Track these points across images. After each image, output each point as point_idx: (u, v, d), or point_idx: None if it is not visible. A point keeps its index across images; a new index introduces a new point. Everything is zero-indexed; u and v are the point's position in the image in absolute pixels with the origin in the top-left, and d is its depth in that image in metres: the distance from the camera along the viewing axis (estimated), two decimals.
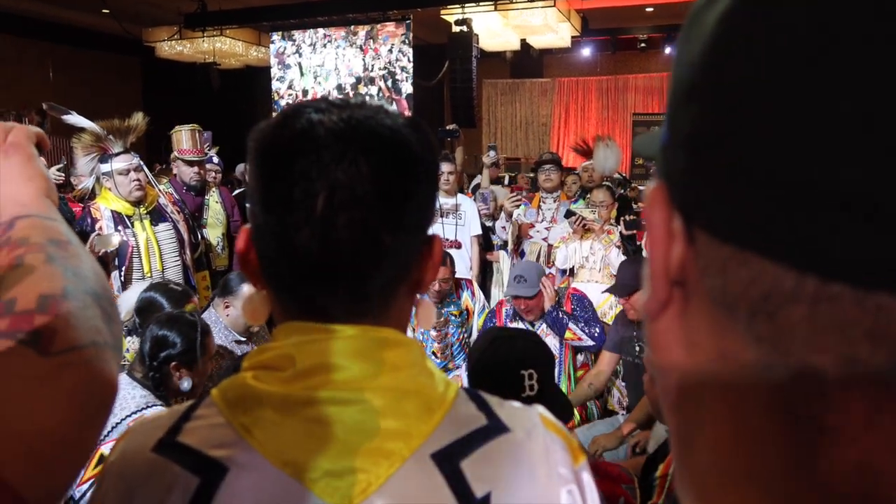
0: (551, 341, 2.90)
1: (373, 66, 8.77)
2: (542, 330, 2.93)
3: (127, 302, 2.30)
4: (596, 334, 2.87)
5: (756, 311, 0.23)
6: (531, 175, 6.68)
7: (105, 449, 1.62)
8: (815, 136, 0.21)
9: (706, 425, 0.26)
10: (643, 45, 10.15)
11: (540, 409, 0.63)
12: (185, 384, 1.83)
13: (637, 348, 2.74)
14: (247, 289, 2.35)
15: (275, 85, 9.45)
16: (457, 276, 3.40)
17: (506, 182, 5.66)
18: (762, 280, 0.22)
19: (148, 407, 1.75)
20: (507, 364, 1.54)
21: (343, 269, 0.52)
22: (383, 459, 0.51)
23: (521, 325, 2.96)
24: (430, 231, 0.58)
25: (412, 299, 0.59)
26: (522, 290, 2.83)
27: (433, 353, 3.27)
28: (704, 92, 0.24)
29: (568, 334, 2.86)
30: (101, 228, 2.88)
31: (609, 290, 3.03)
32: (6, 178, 0.59)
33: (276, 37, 9.32)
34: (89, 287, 0.53)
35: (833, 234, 0.20)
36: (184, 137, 3.56)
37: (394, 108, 0.58)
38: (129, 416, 1.72)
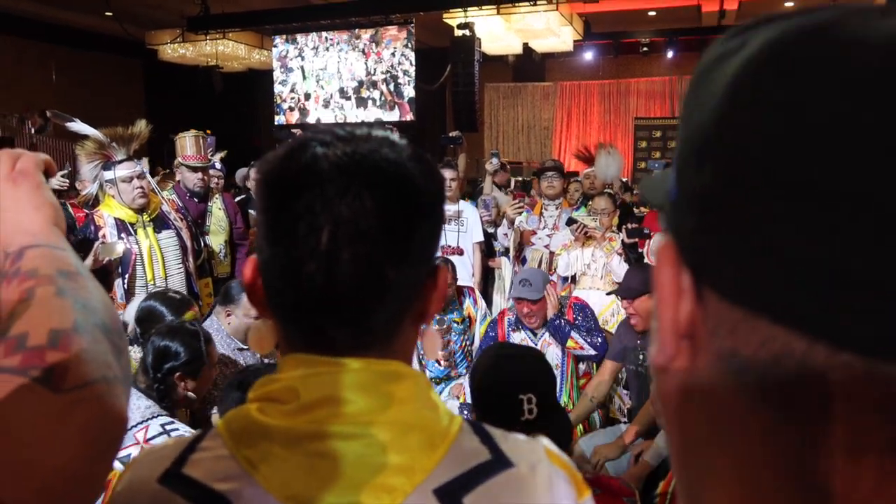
0: (553, 350, 2.90)
1: (375, 69, 8.78)
2: (545, 340, 2.93)
3: (129, 316, 2.30)
4: (598, 344, 2.87)
5: (766, 375, 0.23)
6: (529, 179, 6.68)
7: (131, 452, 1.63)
8: (831, 213, 0.21)
9: (715, 486, 0.27)
10: (645, 48, 10.14)
11: (545, 441, 0.63)
12: (192, 395, 1.83)
13: (641, 357, 2.74)
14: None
15: (277, 88, 9.47)
16: (459, 283, 3.40)
17: (511, 187, 5.65)
18: (773, 345, 0.23)
19: (154, 417, 1.75)
20: (506, 387, 1.53)
21: (348, 302, 0.52)
22: (386, 495, 0.52)
23: (523, 335, 2.96)
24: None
25: (417, 330, 0.59)
26: (527, 292, 2.83)
27: (436, 361, 3.27)
28: (716, 155, 0.25)
29: (570, 343, 2.85)
30: (104, 236, 2.88)
31: (614, 292, 3.02)
32: (15, 206, 0.59)
33: (278, 40, 9.34)
34: (98, 320, 0.53)
35: (846, 309, 0.21)
36: (188, 143, 3.56)
37: (400, 139, 0.58)
38: (135, 426, 1.72)
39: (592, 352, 2.86)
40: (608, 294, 3.44)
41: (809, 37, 0.23)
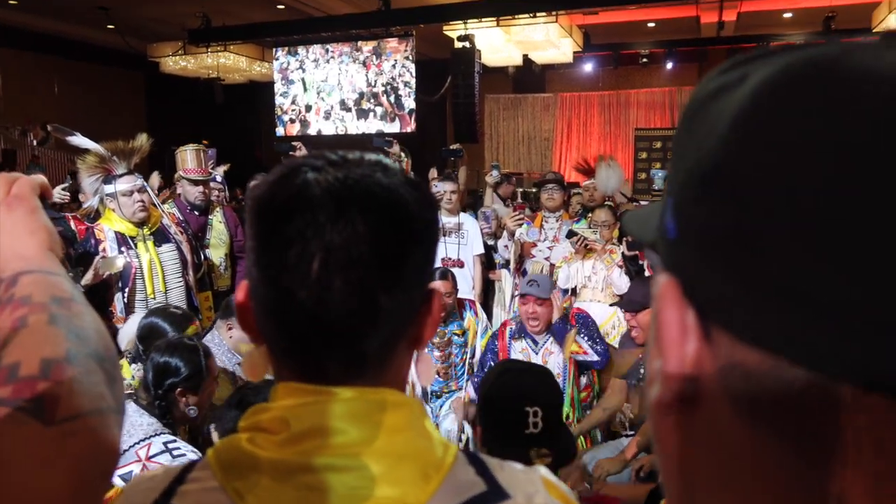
0: (555, 360, 2.89)
1: (376, 81, 8.81)
2: (547, 348, 2.92)
3: (128, 332, 2.29)
4: (600, 350, 2.87)
5: (784, 419, 0.22)
6: (531, 190, 6.68)
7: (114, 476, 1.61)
8: (859, 252, 0.20)
9: None
10: (645, 60, 10.18)
11: (542, 471, 0.61)
12: (192, 412, 1.83)
13: (642, 371, 2.72)
14: None
15: (278, 100, 9.50)
16: (459, 295, 3.39)
17: (518, 199, 5.65)
18: (793, 387, 0.22)
19: (156, 434, 1.74)
20: (512, 399, 1.53)
21: (340, 330, 0.52)
22: None
23: (524, 343, 2.95)
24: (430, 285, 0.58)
25: (411, 355, 0.59)
26: (535, 290, 2.84)
27: (436, 373, 3.26)
28: (726, 189, 0.24)
29: (574, 347, 2.85)
30: (104, 250, 2.88)
31: (617, 304, 3.02)
32: (10, 231, 0.59)
33: (279, 52, 9.38)
34: (92, 349, 0.52)
35: (880, 353, 0.20)
36: (188, 157, 3.57)
37: (393, 163, 0.57)
38: (137, 443, 1.71)
39: (595, 357, 2.86)
40: (611, 305, 3.44)
41: (819, 69, 0.23)
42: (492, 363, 3.00)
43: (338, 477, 0.51)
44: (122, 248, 2.92)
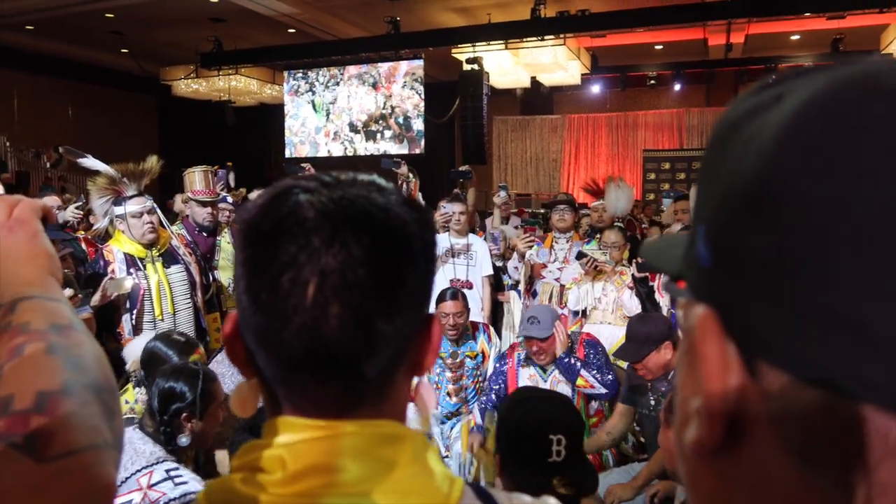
0: (563, 388, 2.85)
1: (385, 103, 8.88)
2: (555, 376, 2.89)
3: (133, 352, 2.28)
4: (609, 381, 2.82)
5: (851, 466, 0.20)
6: (540, 211, 6.68)
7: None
8: None
9: None
10: (652, 81, 10.24)
11: (552, 501, 0.59)
12: (184, 440, 1.80)
13: (652, 401, 2.68)
14: None
15: (288, 122, 9.59)
16: (470, 318, 3.37)
17: (518, 224, 5.64)
18: (862, 431, 0.20)
19: (158, 462, 1.71)
20: (536, 426, 1.50)
21: (337, 358, 0.49)
22: None
23: (532, 371, 2.92)
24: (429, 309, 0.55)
25: (410, 383, 0.56)
26: (535, 331, 2.79)
27: (447, 395, 3.22)
28: (768, 211, 0.22)
29: (580, 381, 2.80)
30: (113, 271, 2.88)
31: (618, 355, 2.96)
32: (10, 255, 0.58)
33: (289, 75, 9.49)
34: (90, 380, 0.50)
35: None
36: (196, 178, 3.59)
37: (387, 183, 0.54)
38: (139, 471, 1.68)
39: (603, 390, 2.81)
40: (613, 354, 3.36)
41: (864, 85, 0.22)
42: (498, 385, 2.96)
43: None
44: (131, 270, 2.92)
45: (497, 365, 3.04)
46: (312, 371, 0.49)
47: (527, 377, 2.92)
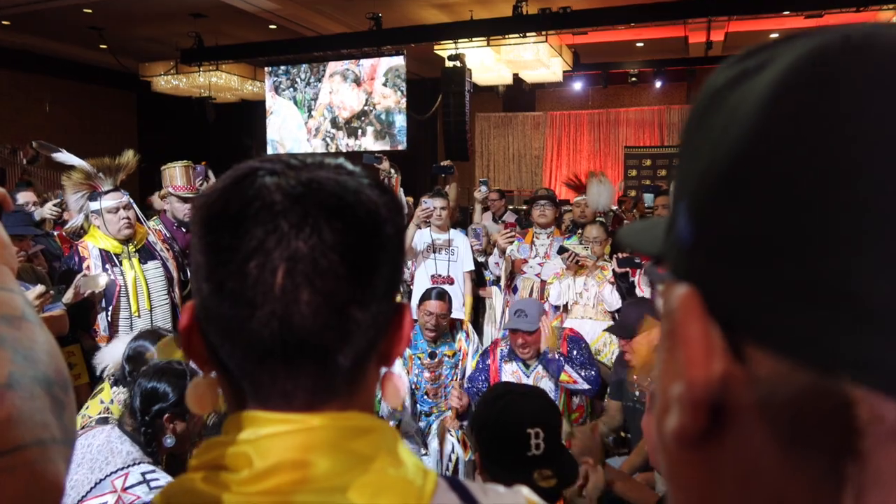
0: (546, 384, 2.86)
1: (367, 99, 8.85)
2: (538, 372, 2.89)
3: (112, 354, 2.24)
4: (591, 377, 2.83)
5: (843, 453, 0.19)
6: (522, 208, 6.70)
7: None
8: None
9: None
10: (634, 79, 10.29)
11: (525, 492, 0.58)
12: (169, 441, 1.76)
13: (637, 392, 2.70)
14: None
15: (270, 119, 9.52)
16: (451, 315, 3.37)
17: (504, 216, 5.64)
18: (856, 414, 0.19)
19: (135, 464, 1.67)
20: (514, 421, 1.50)
21: (309, 348, 0.46)
22: None
23: (515, 366, 2.92)
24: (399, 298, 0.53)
25: (378, 374, 0.53)
26: (523, 324, 2.79)
27: (425, 394, 3.22)
28: (754, 184, 0.21)
29: (563, 377, 2.81)
30: (88, 267, 2.84)
31: (610, 330, 2.99)
32: None
33: (271, 72, 9.42)
34: (40, 372, 0.48)
35: None
36: (177, 174, 3.55)
37: (355, 167, 0.52)
38: (113, 473, 1.63)
39: (586, 385, 2.82)
40: (605, 331, 3.41)
41: (856, 47, 0.20)
42: (481, 382, 2.96)
43: None
44: (107, 266, 2.87)
45: (479, 362, 3.04)
46: (283, 362, 0.47)
47: (510, 373, 2.92)
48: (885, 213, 0.18)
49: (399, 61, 8.57)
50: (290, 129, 9.36)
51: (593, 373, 2.85)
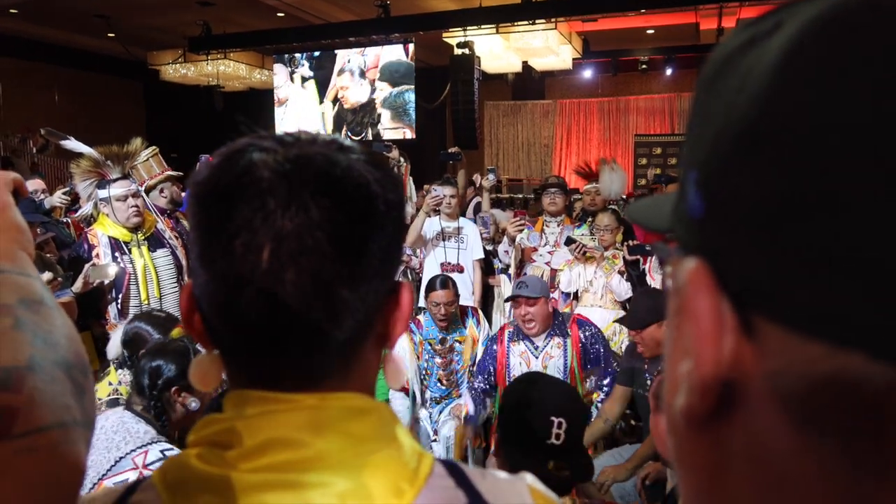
0: (555, 363, 2.85)
1: (375, 87, 8.82)
2: (548, 351, 2.88)
3: (115, 342, 2.27)
4: (610, 380, 2.88)
5: (858, 430, 0.18)
6: (531, 196, 6.68)
7: (108, 483, 1.58)
8: None
9: None
10: (644, 66, 10.20)
11: (529, 479, 0.55)
12: (193, 405, 1.79)
13: (649, 381, 2.68)
14: None
15: (278, 107, 9.51)
16: (460, 302, 3.35)
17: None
18: (870, 389, 0.18)
19: (152, 443, 1.71)
20: (539, 408, 1.50)
21: (297, 327, 0.46)
22: None
23: (524, 346, 2.90)
24: (399, 277, 0.52)
25: (378, 355, 0.53)
26: (524, 290, 2.80)
27: (438, 381, 3.21)
28: (768, 148, 0.19)
29: (595, 396, 2.86)
30: (97, 255, 2.84)
31: (620, 321, 2.98)
32: None
33: (287, 60, 9.40)
34: (60, 356, 0.48)
35: None
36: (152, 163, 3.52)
37: (350, 142, 0.51)
38: (133, 451, 1.68)
39: (608, 390, 2.87)
40: (615, 321, 3.40)
41: (876, 3, 0.19)
42: (491, 368, 2.95)
43: (300, 496, 0.45)
44: (116, 254, 2.88)
45: (487, 347, 3.03)
46: (271, 342, 0.46)
47: (518, 353, 2.91)
48: None
49: (408, 49, 8.52)
50: (299, 118, 9.33)
51: (610, 370, 2.89)
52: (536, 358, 2.88)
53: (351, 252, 0.46)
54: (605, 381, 2.90)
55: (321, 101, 9.20)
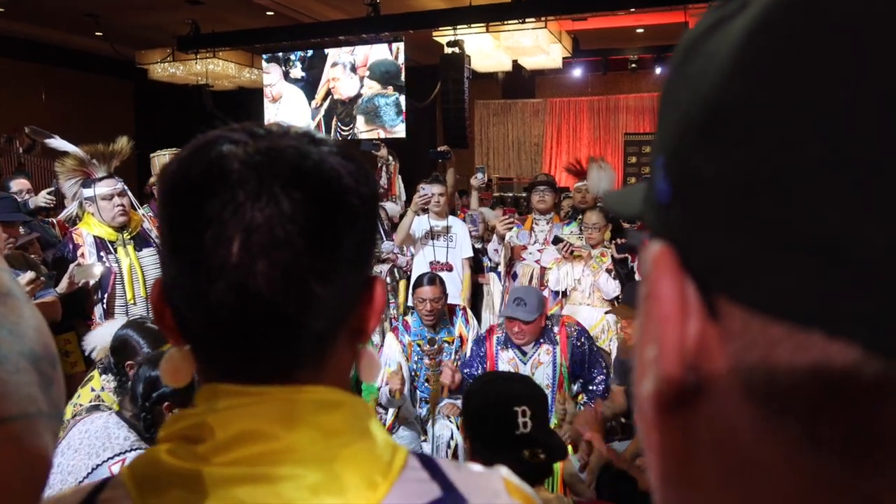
0: (544, 370, 2.85)
1: (365, 86, 8.80)
2: (537, 358, 2.88)
3: (100, 336, 2.23)
4: (602, 384, 2.89)
5: (819, 411, 0.18)
6: (522, 195, 6.68)
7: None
8: None
9: None
10: (634, 65, 10.22)
11: (503, 471, 0.55)
12: None
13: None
14: None
15: (267, 106, 9.47)
16: (449, 300, 3.35)
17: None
18: (831, 369, 0.17)
19: (132, 450, 1.69)
20: (501, 401, 1.53)
21: (268, 323, 0.46)
22: None
23: (512, 354, 2.90)
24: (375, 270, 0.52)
25: (353, 350, 0.52)
26: (521, 313, 2.76)
27: (426, 381, 3.20)
28: (730, 127, 0.19)
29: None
30: (83, 255, 2.82)
31: (613, 311, 3.00)
32: None
33: (268, 58, 9.36)
34: (27, 347, 0.47)
35: None
36: (164, 162, 3.52)
37: (322, 134, 0.52)
38: (111, 458, 1.66)
39: (597, 389, 2.89)
40: (607, 313, 3.40)
41: None
42: (476, 368, 2.95)
43: (271, 489, 0.45)
44: (102, 253, 2.85)
45: (474, 348, 3.02)
46: (243, 336, 0.46)
47: (506, 360, 2.91)
48: (869, 156, 0.16)
49: (398, 48, 8.50)
50: (301, 115, 9.27)
51: (603, 376, 2.89)
52: (525, 365, 2.87)
53: (323, 245, 0.46)
54: (597, 380, 2.90)
55: (312, 100, 9.17)
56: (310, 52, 9.05)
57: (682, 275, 0.22)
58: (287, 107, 9.29)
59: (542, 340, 2.87)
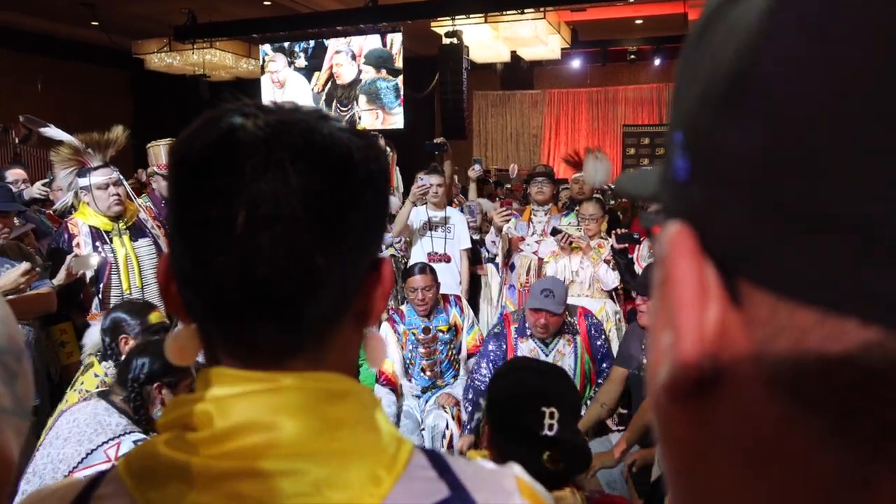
0: (567, 361, 2.84)
1: (363, 77, 8.76)
2: (559, 349, 2.86)
3: (92, 336, 2.27)
4: (607, 367, 2.89)
5: (854, 406, 0.17)
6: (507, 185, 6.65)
7: (79, 476, 1.56)
8: None
9: None
10: (633, 56, 10.18)
11: (516, 470, 0.53)
12: (157, 412, 1.79)
13: (644, 359, 2.68)
14: None
15: (265, 97, 9.42)
16: (446, 290, 3.34)
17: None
18: (867, 359, 0.16)
19: (126, 434, 1.70)
20: (529, 397, 1.43)
21: (271, 296, 0.44)
22: None
23: (532, 344, 2.87)
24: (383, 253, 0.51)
25: (360, 333, 0.51)
26: (551, 304, 2.72)
27: (422, 370, 3.20)
28: (755, 99, 0.18)
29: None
30: (78, 245, 2.80)
31: (632, 288, 3.00)
32: None
33: (265, 48, 9.31)
34: None
35: None
36: (162, 152, 3.50)
37: (336, 113, 0.50)
38: (105, 443, 1.67)
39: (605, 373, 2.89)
40: (623, 286, 3.44)
41: None
42: (495, 351, 2.88)
43: (274, 483, 0.43)
44: (97, 243, 2.84)
45: (495, 345, 2.90)
46: (244, 314, 0.45)
47: (527, 351, 2.86)
48: None
49: (396, 38, 8.46)
50: (305, 100, 9.24)
51: (607, 363, 2.88)
52: (548, 356, 2.84)
53: (330, 222, 0.45)
54: (604, 365, 2.90)
55: (303, 90, 9.15)
56: (312, 43, 9.01)
57: (701, 257, 0.20)
58: (290, 93, 9.27)
59: (563, 330, 2.86)
